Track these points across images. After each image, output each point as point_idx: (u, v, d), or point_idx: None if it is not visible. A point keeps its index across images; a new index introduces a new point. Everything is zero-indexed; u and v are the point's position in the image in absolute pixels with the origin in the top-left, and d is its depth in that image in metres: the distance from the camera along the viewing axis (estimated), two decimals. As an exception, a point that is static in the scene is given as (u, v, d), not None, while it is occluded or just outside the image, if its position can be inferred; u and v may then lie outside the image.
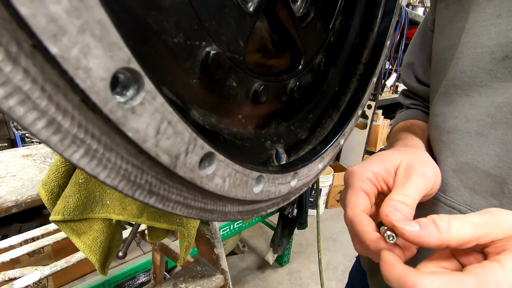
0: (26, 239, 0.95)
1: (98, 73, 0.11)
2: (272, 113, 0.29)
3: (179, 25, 0.18)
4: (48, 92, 0.10)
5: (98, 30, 0.10)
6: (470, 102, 0.36)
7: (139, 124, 0.13)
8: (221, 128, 0.24)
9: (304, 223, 1.79)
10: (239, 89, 0.24)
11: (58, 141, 0.11)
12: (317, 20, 0.29)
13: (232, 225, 1.64)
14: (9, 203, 0.46)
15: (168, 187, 0.17)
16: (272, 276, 1.99)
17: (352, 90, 0.37)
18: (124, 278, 1.24)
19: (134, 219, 0.47)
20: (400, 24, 1.98)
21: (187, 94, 0.20)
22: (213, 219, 0.21)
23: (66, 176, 0.45)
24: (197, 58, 0.20)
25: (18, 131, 1.56)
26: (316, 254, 2.13)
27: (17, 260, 1.18)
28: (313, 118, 0.36)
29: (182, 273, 0.72)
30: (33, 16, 0.09)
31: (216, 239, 0.71)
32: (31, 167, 0.57)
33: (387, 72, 2.27)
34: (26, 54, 0.10)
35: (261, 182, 0.23)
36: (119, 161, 0.13)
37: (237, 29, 0.21)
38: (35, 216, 1.66)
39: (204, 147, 0.16)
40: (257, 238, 2.32)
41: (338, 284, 1.97)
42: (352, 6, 0.34)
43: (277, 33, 0.29)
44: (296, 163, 0.29)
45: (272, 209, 0.27)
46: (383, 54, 0.36)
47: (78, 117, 0.11)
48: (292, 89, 0.29)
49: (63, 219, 0.44)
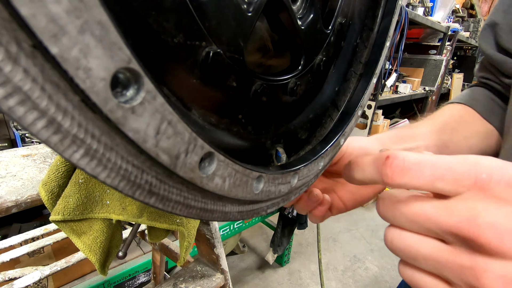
0: (26, 239, 0.95)
1: (98, 73, 0.11)
2: (272, 113, 0.29)
3: (179, 25, 0.18)
4: (48, 92, 0.10)
5: (98, 30, 0.10)
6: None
7: (139, 124, 0.13)
8: (221, 128, 0.24)
9: (304, 223, 1.79)
10: (239, 89, 0.24)
11: (58, 141, 0.11)
12: (317, 20, 0.29)
13: (232, 225, 1.64)
14: (9, 203, 0.46)
15: (168, 187, 0.17)
16: (272, 276, 1.99)
17: (352, 90, 0.37)
18: (124, 278, 1.24)
19: (134, 219, 0.47)
20: (400, 24, 1.98)
21: (187, 94, 0.20)
22: (213, 219, 0.21)
23: (66, 176, 0.45)
24: (197, 58, 0.20)
25: (18, 131, 1.56)
26: (316, 254, 2.13)
27: (17, 260, 1.18)
28: (313, 118, 0.36)
29: (182, 273, 0.72)
30: (33, 16, 0.09)
31: (216, 239, 0.71)
32: (31, 167, 0.57)
33: (387, 72, 2.27)
34: (26, 54, 0.10)
35: (261, 182, 0.23)
36: (119, 161, 0.13)
37: (237, 29, 0.21)
38: (35, 216, 1.66)
39: (204, 147, 0.16)
40: (257, 238, 2.32)
41: (338, 284, 1.97)
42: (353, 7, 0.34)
43: (277, 33, 0.29)
44: (296, 163, 0.29)
45: (272, 209, 0.27)
46: (383, 54, 0.36)
47: (78, 117, 0.11)
48: (292, 89, 0.29)
49: (63, 219, 0.44)
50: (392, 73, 2.36)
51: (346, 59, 0.37)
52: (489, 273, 0.18)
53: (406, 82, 2.82)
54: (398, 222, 0.22)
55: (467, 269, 0.18)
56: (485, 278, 0.18)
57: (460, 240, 0.19)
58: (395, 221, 0.22)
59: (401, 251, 0.22)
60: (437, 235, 0.20)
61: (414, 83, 2.80)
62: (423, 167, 0.20)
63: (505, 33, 0.43)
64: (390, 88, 2.57)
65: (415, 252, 0.21)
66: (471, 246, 0.18)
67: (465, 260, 0.18)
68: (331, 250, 2.27)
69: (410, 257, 0.21)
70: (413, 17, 2.15)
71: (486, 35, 0.47)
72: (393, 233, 0.22)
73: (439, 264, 0.20)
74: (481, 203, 0.18)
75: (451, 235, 0.19)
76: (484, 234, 0.17)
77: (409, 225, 0.21)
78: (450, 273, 0.19)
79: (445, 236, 0.19)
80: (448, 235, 0.19)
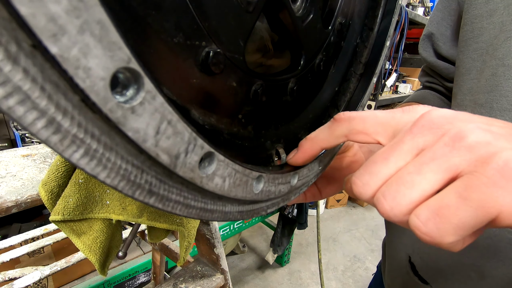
0: (26, 239, 0.95)
1: (97, 72, 0.11)
2: (272, 113, 0.29)
3: (179, 25, 0.18)
4: (48, 91, 0.10)
5: (98, 30, 0.10)
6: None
7: (139, 123, 0.13)
8: (221, 128, 0.24)
9: (304, 223, 1.79)
10: (239, 89, 0.24)
11: (57, 141, 0.11)
12: (317, 20, 0.29)
13: (232, 225, 1.64)
14: (9, 203, 0.46)
15: (168, 187, 0.17)
16: (272, 276, 1.99)
17: (352, 90, 0.37)
18: (124, 278, 1.24)
19: (134, 219, 0.47)
20: (400, 24, 1.98)
21: (187, 94, 0.20)
22: (213, 219, 0.21)
23: (66, 176, 0.45)
24: (197, 58, 0.20)
25: (18, 131, 1.56)
26: (316, 254, 2.13)
27: (17, 260, 1.18)
28: (313, 118, 0.36)
29: (182, 273, 0.72)
30: (32, 16, 0.09)
31: (216, 239, 0.71)
32: (31, 167, 0.57)
33: (387, 72, 2.27)
34: (26, 54, 0.10)
35: (261, 182, 0.23)
36: (119, 161, 0.13)
37: (237, 29, 0.21)
38: (35, 216, 1.66)
39: (204, 147, 0.16)
40: (257, 238, 2.33)
41: (338, 284, 1.97)
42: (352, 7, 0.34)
43: (277, 33, 0.29)
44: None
45: (272, 209, 0.27)
46: (383, 54, 0.36)
47: (78, 116, 0.11)
48: (292, 89, 0.29)
49: (63, 219, 0.44)
50: (392, 73, 2.36)
51: (346, 59, 0.37)
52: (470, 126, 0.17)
53: (406, 82, 2.82)
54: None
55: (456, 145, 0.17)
56: (469, 131, 0.17)
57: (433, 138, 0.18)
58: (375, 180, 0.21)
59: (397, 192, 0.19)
60: (419, 150, 0.19)
61: (414, 83, 2.80)
62: (364, 114, 0.22)
63: (442, 42, 0.47)
64: (390, 88, 2.57)
65: (411, 179, 0.18)
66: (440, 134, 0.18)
67: (447, 142, 0.18)
68: (331, 250, 2.27)
69: (408, 186, 0.18)
70: (413, 17, 2.15)
71: (425, 45, 0.50)
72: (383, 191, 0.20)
73: (441, 161, 0.18)
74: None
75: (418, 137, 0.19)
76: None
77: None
78: (458, 162, 0.17)
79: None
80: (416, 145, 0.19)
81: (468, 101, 0.39)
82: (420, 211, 0.17)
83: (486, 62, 0.35)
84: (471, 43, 0.38)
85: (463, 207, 0.16)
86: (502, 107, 0.32)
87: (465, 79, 0.39)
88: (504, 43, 0.32)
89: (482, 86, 0.35)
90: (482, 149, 0.16)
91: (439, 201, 0.17)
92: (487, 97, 0.34)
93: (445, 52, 0.47)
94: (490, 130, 0.17)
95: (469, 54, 0.38)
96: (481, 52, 0.36)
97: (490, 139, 0.17)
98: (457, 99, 0.42)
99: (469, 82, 0.38)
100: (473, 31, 0.37)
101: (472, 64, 0.38)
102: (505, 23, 0.33)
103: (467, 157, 0.17)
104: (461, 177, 0.17)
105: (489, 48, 0.35)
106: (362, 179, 0.20)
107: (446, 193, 0.17)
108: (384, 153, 0.20)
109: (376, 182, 0.20)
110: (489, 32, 0.35)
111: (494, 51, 0.34)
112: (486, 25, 0.35)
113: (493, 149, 0.16)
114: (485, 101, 0.34)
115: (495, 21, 0.34)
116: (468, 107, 0.39)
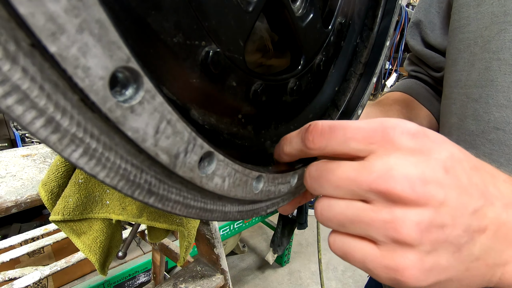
0: (26, 239, 0.95)
1: (97, 72, 0.11)
2: (272, 113, 0.29)
3: (179, 25, 0.18)
4: (47, 91, 0.10)
5: (97, 29, 0.10)
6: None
7: (138, 123, 0.13)
8: (221, 128, 0.24)
9: (304, 223, 1.79)
10: (239, 88, 0.24)
11: (57, 140, 0.11)
12: (317, 20, 0.29)
13: (232, 225, 1.64)
14: (9, 203, 0.46)
15: (168, 187, 0.16)
16: (272, 276, 1.99)
17: (352, 90, 0.37)
18: (124, 278, 1.24)
19: (134, 219, 0.47)
20: (400, 24, 1.98)
21: (187, 94, 0.20)
22: (213, 219, 0.21)
23: (66, 176, 0.45)
24: (196, 57, 0.20)
25: (18, 131, 1.56)
26: (316, 254, 2.13)
27: (17, 260, 1.18)
28: (313, 118, 0.36)
29: (182, 273, 0.72)
30: (31, 15, 0.09)
31: (216, 239, 0.71)
32: (31, 167, 0.57)
33: (387, 72, 2.27)
34: (25, 53, 0.10)
35: (261, 182, 0.23)
36: (118, 161, 0.13)
37: (237, 29, 0.21)
38: (35, 216, 1.67)
39: (203, 146, 0.16)
40: (257, 238, 2.32)
41: (338, 284, 1.97)
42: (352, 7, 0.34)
43: (277, 33, 0.29)
44: (296, 163, 0.29)
45: (272, 209, 0.27)
46: (383, 54, 0.36)
47: (77, 116, 0.11)
48: (292, 89, 0.29)
49: (63, 219, 0.44)
50: (392, 73, 2.36)
51: (346, 59, 0.37)
52: (406, 222, 0.18)
53: (406, 82, 2.81)
54: (325, 191, 0.22)
55: (388, 223, 0.19)
56: (403, 228, 0.18)
57: (379, 196, 0.19)
58: (322, 190, 0.22)
59: (330, 220, 0.22)
60: (360, 197, 0.20)
61: (414, 83, 2.80)
62: (336, 129, 0.21)
63: (430, 30, 0.46)
64: (390, 88, 2.57)
65: (343, 217, 0.21)
66: (390, 200, 0.19)
67: (386, 215, 0.19)
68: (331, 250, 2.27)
69: (339, 224, 0.22)
70: (413, 17, 2.15)
71: (412, 32, 0.49)
72: (322, 204, 0.22)
73: (364, 224, 0.20)
74: (393, 157, 0.19)
75: (371, 193, 0.19)
76: (398, 185, 0.18)
77: (335, 192, 0.21)
78: (374, 231, 0.20)
79: (367, 195, 0.20)
80: (369, 194, 0.20)
81: (456, 93, 0.37)
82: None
83: (476, 55, 0.34)
84: (457, 33, 0.36)
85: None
86: (499, 102, 0.31)
87: (451, 70, 0.38)
88: (498, 36, 0.31)
89: (474, 79, 0.34)
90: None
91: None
92: (481, 92, 0.33)
93: (432, 40, 0.46)
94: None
95: (455, 44, 0.37)
96: (468, 43, 0.35)
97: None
98: (445, 91, 0.41)
99: (456, 74, 0.37)
100: (460, 20, 0.36)
101: (458, 55, 0.37)
102: (496, 14, 0.31)
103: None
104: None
105: (478, 39, 0.34)
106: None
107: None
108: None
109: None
110: (476, 23, 0.34)
111: (486, 43, 0.32)
112: (474, 15, 0.34)
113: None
114: (479, 96, 0.33)
115: (483, 11, 0.32)
116: (457, 100, 0.37)
